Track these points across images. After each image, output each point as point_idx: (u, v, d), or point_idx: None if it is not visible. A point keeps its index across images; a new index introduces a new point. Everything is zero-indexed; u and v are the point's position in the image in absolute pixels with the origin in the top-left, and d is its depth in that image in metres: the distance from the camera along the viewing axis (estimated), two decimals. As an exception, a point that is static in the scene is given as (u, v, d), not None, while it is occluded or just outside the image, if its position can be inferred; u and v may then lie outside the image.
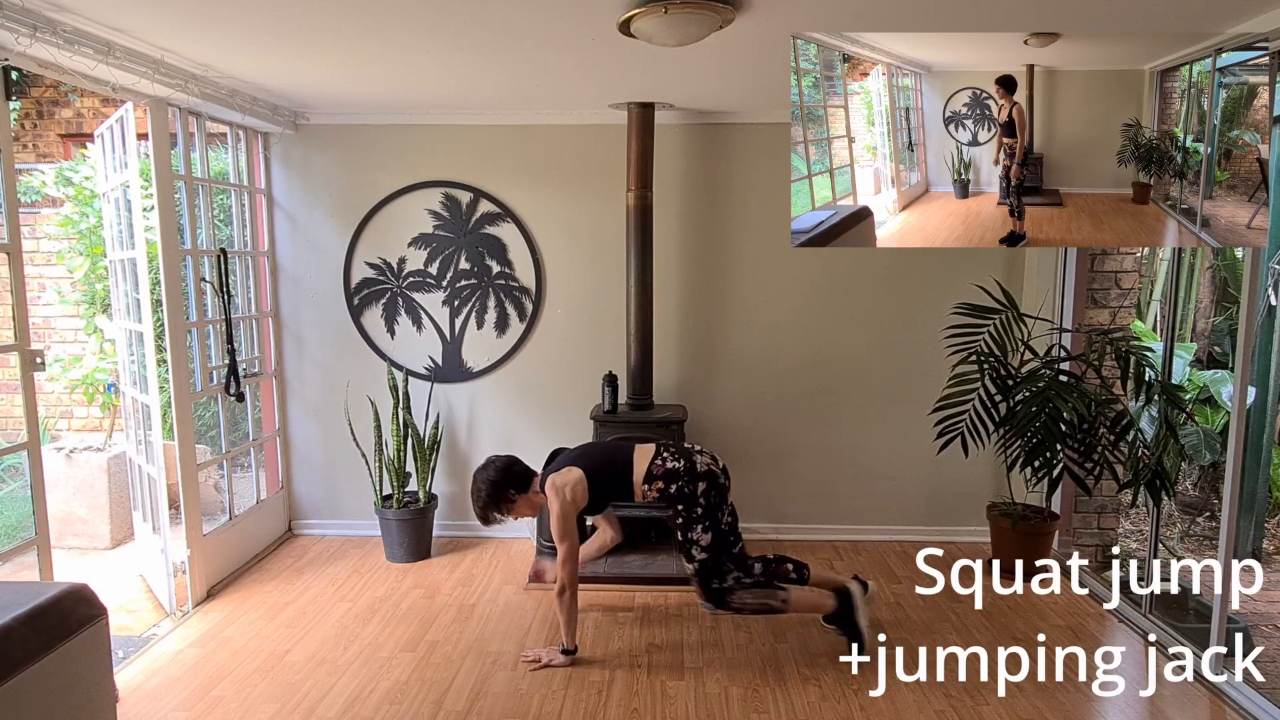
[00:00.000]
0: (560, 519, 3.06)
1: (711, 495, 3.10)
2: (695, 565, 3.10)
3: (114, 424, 4.91)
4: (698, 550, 3.08)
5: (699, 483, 3.09)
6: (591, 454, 3.25)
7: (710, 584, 3.11)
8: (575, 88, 3.71)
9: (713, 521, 3.09)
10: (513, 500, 3.18)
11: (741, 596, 3.13)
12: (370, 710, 2.84)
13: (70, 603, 1.98)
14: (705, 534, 3.07)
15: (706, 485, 3.10)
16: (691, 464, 3.11)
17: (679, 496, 3.08)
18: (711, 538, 3.08)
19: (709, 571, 3.10)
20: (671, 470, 3.10)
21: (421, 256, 4.45)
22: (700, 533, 3.07)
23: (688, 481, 3.08)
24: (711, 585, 3.11)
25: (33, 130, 6.24)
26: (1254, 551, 4.54)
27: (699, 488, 3.09)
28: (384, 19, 2.67)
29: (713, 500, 3.10)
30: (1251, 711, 2.81)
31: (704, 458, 3.16)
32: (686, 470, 3.10)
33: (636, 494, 3.14)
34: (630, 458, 3.17)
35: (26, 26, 2.51)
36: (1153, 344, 4.27)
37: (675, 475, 3.09)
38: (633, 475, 3.12)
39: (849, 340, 4.46)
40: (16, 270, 2.82)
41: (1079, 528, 4.33)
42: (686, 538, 3.09)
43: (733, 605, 3.13)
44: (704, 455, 3.17)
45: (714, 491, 3.11)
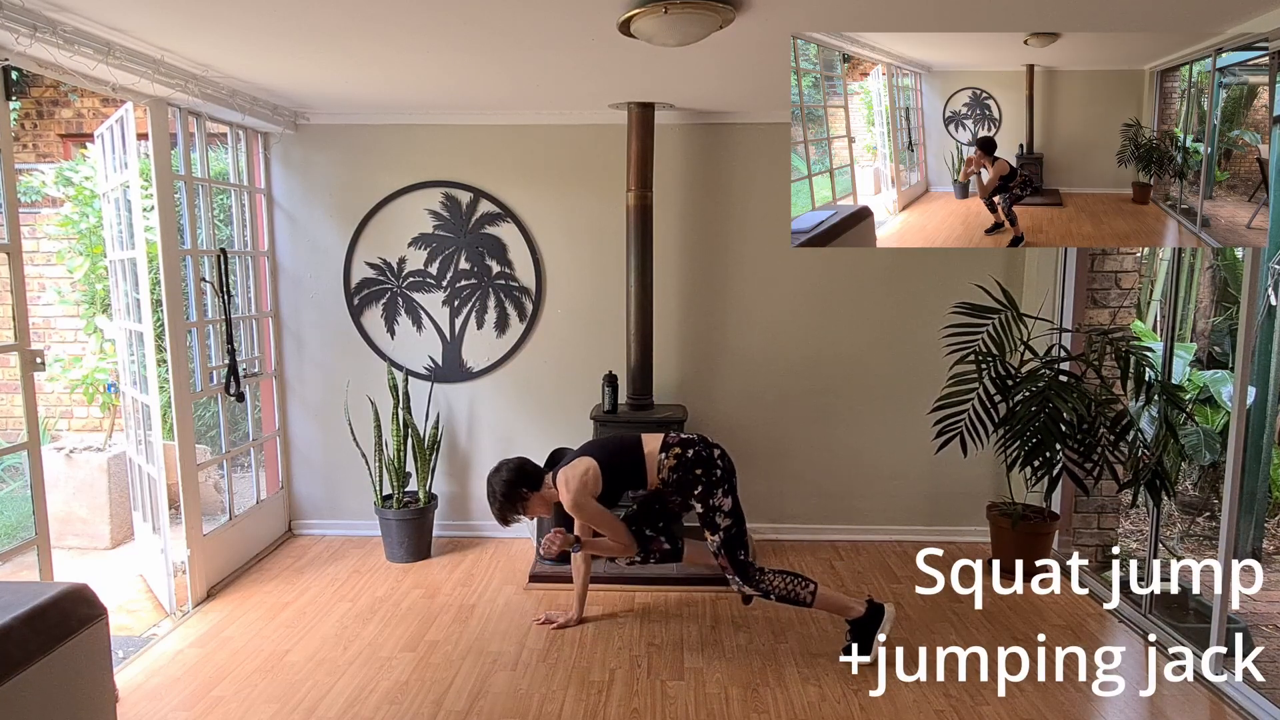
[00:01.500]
0: (584, 508, 3.15)
1: (727, 460, 3.22)
2: (720, 535, 3.12)
3: (114, 424, 4.91)
4: (721, 518, 3.12)
5: (714, 449, 3.22)
6: (601, 446, 3.34)
7: (737, 554, 3.14)
8: (575, 88, 3.71)
9: (731, 486, 3.17)
10: (527, 499, 3.24)
11: (772, 579, 3.15)
12: (370, 710, 2.84)
13: (70, 603, 1.98)
14: (726, 498, 3.14)
15: (721, 452, 3.23)
16: (702, 437, 3.26)
17: (696, 460, 3.16)
18: (732, 503, 3.15)
19: (735, 542, 3.14)
20: (686, 438, 3.24)
21: (421, 256, 4.46)
22: (721, 497, 3.13)
23: (703, 448, 3.19)
24: (739, 555, 3.14)
25: (33, 130, 6.24)
26: (1254, 551, 4.54)
27: (714, 453, 3.20)
28: (384, 19, 2.67)
29: (729, 464, 3.22)
30: (1251, 711, 2.81)
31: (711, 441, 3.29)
32: (699, 439, 3.24)
33: (651, 471, 3.20)
34: (639, 443, 3.26)
35: (26, 26, 2.51)
36: (1153, 344, 4.27)
37: (690, 443, 3.21)
38: (644, 453, 3.21)
39: (849, 340, 4.46)
40: (16, 270, 2.82)
41: (1079, 528, 4.33)
42: (709, 506, 3.14)
43: (762, 585, 3.15)
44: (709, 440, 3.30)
45: (727, 459, 3.23)
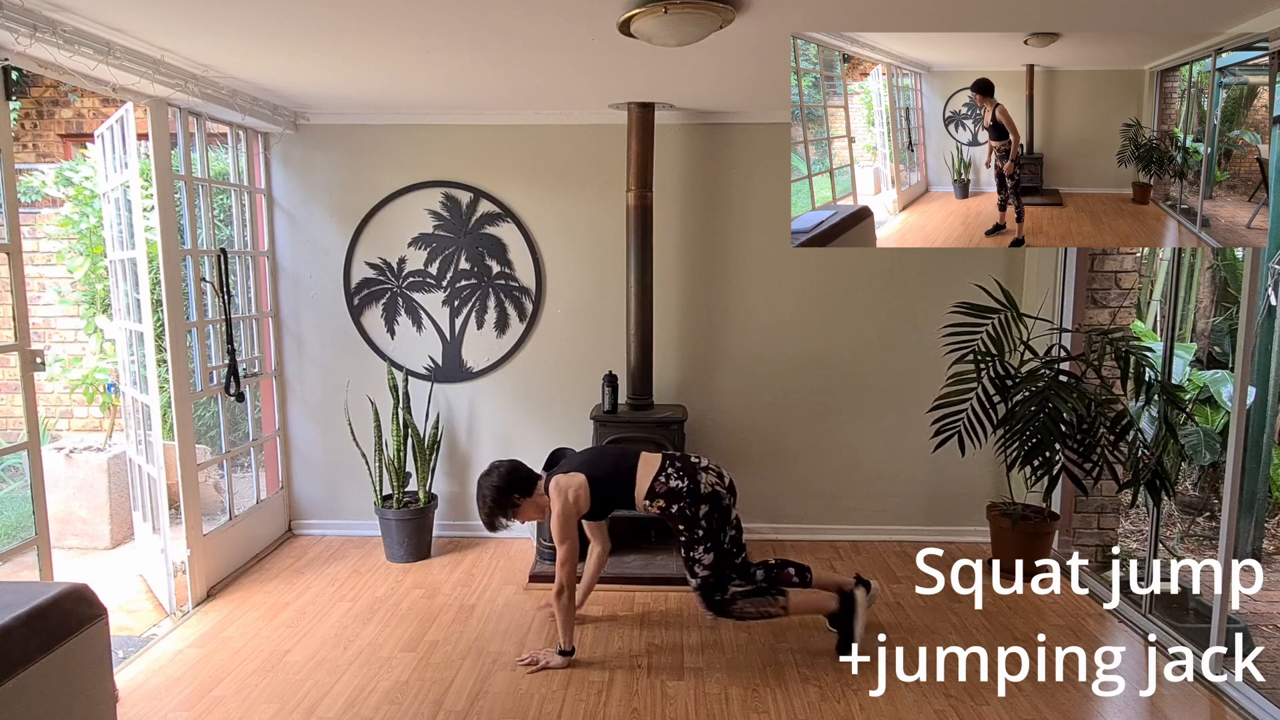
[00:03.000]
0: (561, 520, 3.06)
1: (714, 518, 3.08)
2: (698, 581, 3.11)
3: (114, 424, 4.90)
4: (700, 569, 3.09)
5: (701, 505, 3.06)
6: (597, 461, 3.23)
7: (713, 597, 3.12)
8: (575, 88, 3.71)
9: (714, 543, 3.09)
10: (518, 505, 3.15)
11: (742, 606, 3.15)
12: (370, 710, 2.84)
13: (70, 603, 1.98)
14: (707, 554, 3.07)
15: (709, 508, 3.07)
16: (695, 484, 3.07)
17: (680, 517, 3.08)
18: (714, 558, 3.08)
19: (711, 588, 3.12)
20: (674, 490, 3.07)
21: (421, 256, 4.45)
22: (702, 553, 3.07)
23: (690, 504, 3.06)
24: (714, 598, 3.13)
25: (33, 130, 6.25)
26: (1254, 551, 4.54)
27: (700, 510, 3.06)
28: (384, 19, 2.67)
29: (714, 523, 3.08)
30: (1251, 711, 2.81)
31: (709, 476, 3.11)
32: (690, 491, 3.06)
33: (638, 507, 3.14)
34: (634, 469, 3.14)
35: (26, 26, 2.51)
36: (1153, 344, 4.26)
37: (678, 495, 3.07)
38: (635, 489, 3.11)
39: (849, 340, 4.45)
40: (16, 270, 2.82)
41: (1079, 528, 4.33)
42: (689, 556, 3.10)
43: (734, 615, 3.16)
44: (709, 473, 3.12)
45: (716, 514, 3.09)
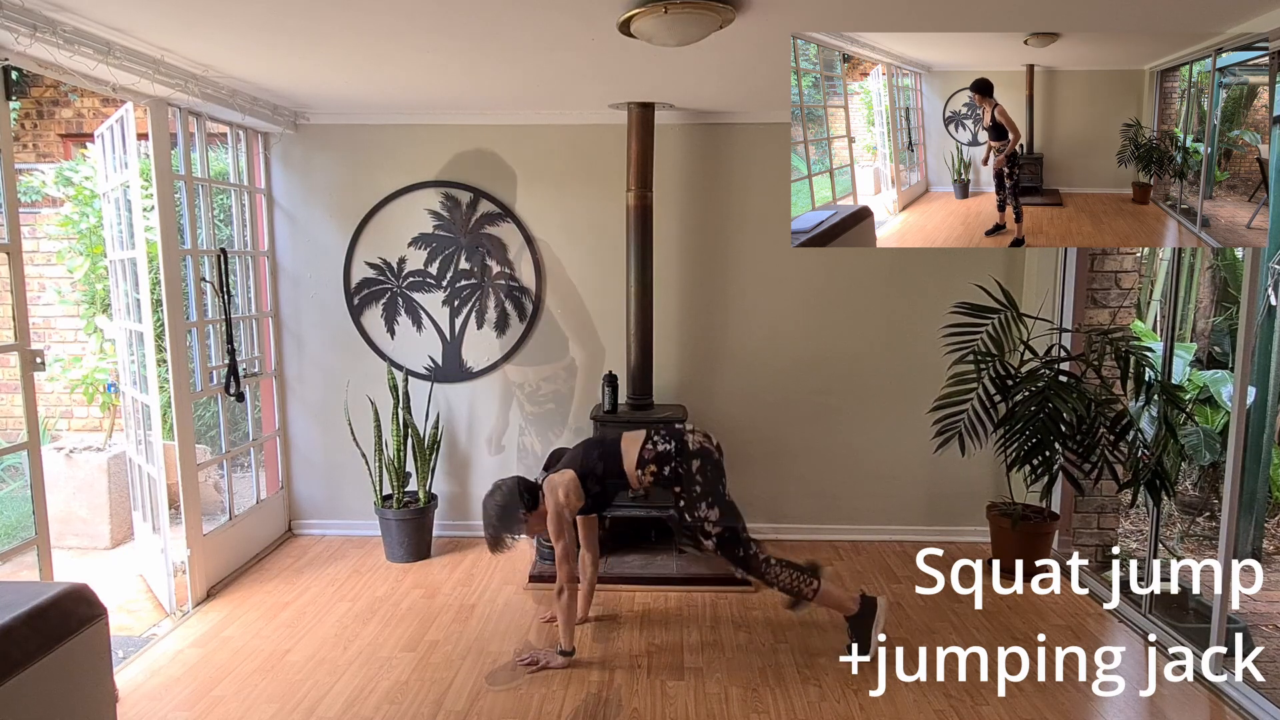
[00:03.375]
0: (554, 519, 3.07)
1: (708, 471, 3.08)
2: (714, 541, 3.07)
3: (114, 424, 4.90)
4: (710, 526, 3.06)
5: (693, 460, 3.08)
6: (585, 453, 3.25)
7: (736, 553, 3.08)
8: (575, 88, 3.71)
9: (715, 496, 3.07)
10: (525, 520, 3.15)
11: (778, 571, 3.09)
12: (370, 710, 2.84)
13: (70, 603, 1.98)
14: (711, 510, 3.06)
15: (700, 462, 3.08)
16: (683, 443, 3.10)
17: (673, 478, 3.08)
18: (719, 512, 3.06)
19: (730, 543, 3.07)
20: (662, 453, 3.10)
21: (421, 256, 4.45)
22: (706, 509, 3.06)
23: (680, 461, 3.08)
24: (738, 554, 3.08)
25: (33, 130, 6.24)
26: (1254, 551, 4.54)
27: (693, 465, 3.07)
28: (384, 19, 2.67)
29: (710, 476, 3.08)
30: (1251, 711, 2.81)
31: (696, 436, 3.15)
32: (678, 451, 3.09)
33: (632, 482, 3.14)
34: (619, 444, 3.17)
35: (26, 26, 2.51)
36: (1153, 344, 4.27)
37: (666, 457, 3.09)
38: (624, 463, 3.13)
39: (849, 340, 4.46)
40: (16, 270, 2.82)
41: (1079, 528, 4.33)
42: (695, 518, 3.08)
43: (767, 575, 3.10)
44: (695, 434, 3.16)
45: (709, 467, 3.09)
